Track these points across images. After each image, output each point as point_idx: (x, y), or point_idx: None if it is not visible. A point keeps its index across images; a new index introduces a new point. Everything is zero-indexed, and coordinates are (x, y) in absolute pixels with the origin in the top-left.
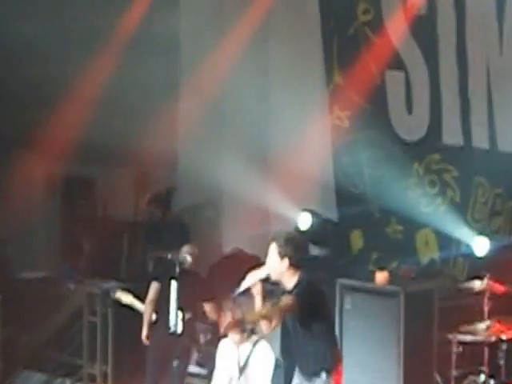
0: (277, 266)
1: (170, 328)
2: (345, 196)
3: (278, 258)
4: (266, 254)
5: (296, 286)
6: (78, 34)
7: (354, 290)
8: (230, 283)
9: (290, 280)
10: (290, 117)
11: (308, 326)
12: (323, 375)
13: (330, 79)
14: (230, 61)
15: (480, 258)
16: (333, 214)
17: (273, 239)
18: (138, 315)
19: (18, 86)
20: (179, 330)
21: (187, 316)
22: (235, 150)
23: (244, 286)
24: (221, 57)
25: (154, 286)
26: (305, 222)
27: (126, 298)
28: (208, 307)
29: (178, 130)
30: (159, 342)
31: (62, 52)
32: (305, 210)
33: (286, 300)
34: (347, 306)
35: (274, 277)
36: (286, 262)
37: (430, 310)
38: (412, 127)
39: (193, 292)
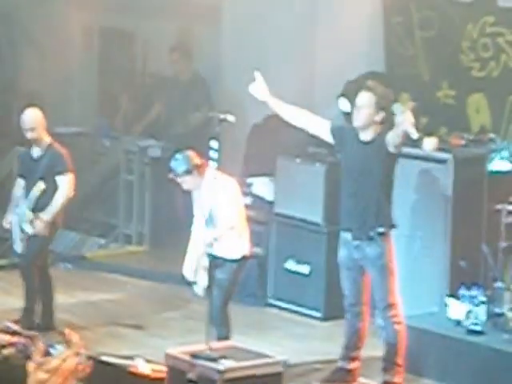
0: (370, 117)
1: None
2: (394, 57)
3: (374, 109)
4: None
5: (373, 140)
6: None
7: (402, 156)
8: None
9: (368, 133)
10: None
11: (382, 183)
12: (378, 238)
13: None
14: None
15: None
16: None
17: (369, 89)
18: None
19: None
20: None
21: None
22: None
23: None
24: None
25: None
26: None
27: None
28: None
29: None
30: None
31: None
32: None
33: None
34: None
35: (362, 125)
36: (382, 115)
37: (481, 178)
38: None
39: None
